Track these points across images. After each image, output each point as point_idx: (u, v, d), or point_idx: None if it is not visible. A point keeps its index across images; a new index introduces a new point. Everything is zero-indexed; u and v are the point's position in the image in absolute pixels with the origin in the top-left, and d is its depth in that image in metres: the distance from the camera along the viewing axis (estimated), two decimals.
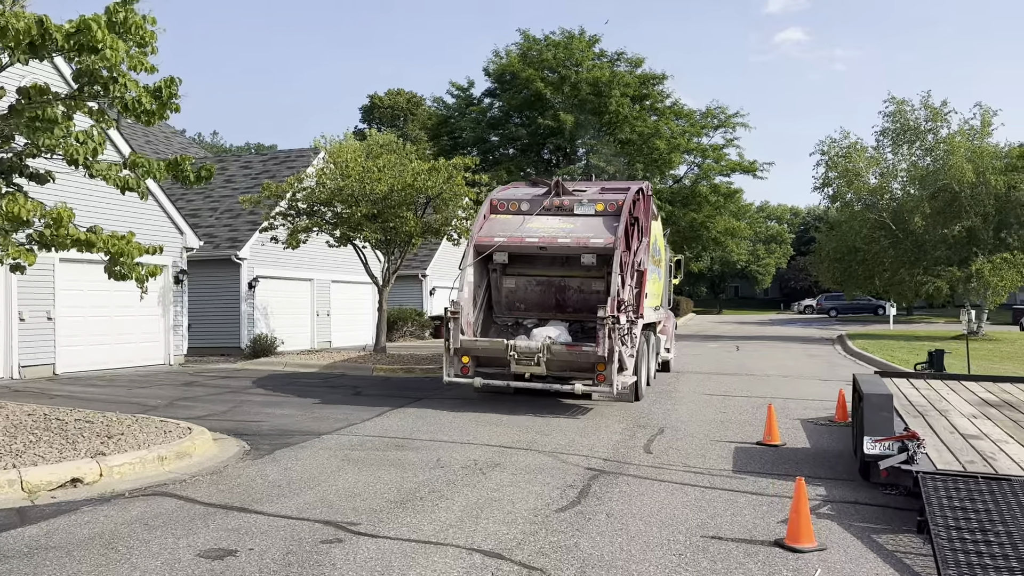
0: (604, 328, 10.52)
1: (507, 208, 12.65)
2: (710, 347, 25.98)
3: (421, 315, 30.47)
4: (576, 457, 8.36)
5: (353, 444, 8.85)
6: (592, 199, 12.42)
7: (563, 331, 11.90)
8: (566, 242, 11.84)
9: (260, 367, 17.63)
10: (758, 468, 8.00)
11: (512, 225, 12.19)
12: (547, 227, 12.04)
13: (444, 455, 8.29)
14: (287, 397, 12.84)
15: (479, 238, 12.12)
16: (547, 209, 12.37)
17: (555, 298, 12.77)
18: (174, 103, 8.96)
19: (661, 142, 38.86)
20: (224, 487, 6.94)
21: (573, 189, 12.84)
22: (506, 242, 11.94)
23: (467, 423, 10.35)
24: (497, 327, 12.82)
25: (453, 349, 11.25)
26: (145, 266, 9.14)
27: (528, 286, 12.79)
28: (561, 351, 10.99)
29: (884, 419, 7.14)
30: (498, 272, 12.68)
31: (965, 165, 26.87)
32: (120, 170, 9.19)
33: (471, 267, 11.94)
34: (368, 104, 58.20)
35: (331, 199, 17.45)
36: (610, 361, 10.58)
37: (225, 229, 23.09)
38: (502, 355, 11.07)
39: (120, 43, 8.17)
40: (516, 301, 12.90)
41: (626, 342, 11.07)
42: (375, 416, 10.81)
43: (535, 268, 12.71)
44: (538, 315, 12.77)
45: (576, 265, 12.24)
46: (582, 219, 12.15)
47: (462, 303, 11.51)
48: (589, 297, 12.48)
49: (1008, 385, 10.34)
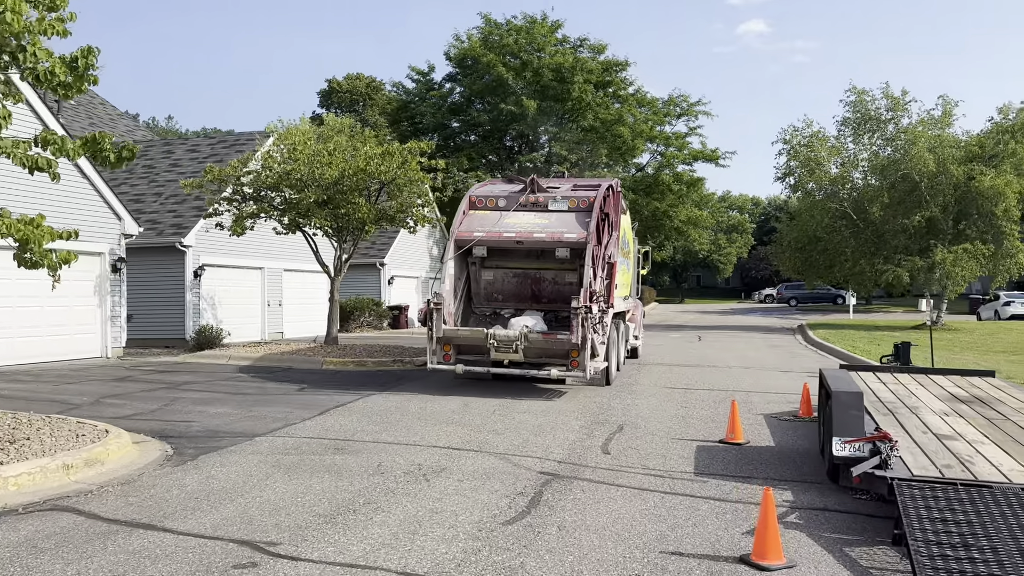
0: (578, 317, 11.20)
1: (485, 204, 13.18)
2: (672, 337, 25.66)
3: (379, 305, 29.67)
4: (529, 459, 7.79)
5: (288, 447, 8.17)
6: (565, 196, 12.98)
7: (539, 320, 12.43)
8: (541, 237, 12.38)
9: (203, 360, 16.76)
10: (721, 470, 7.52)
11: (490, 220, 12.74)
12: (523, 222, 12.61)
13: (386, 459, 7.66)
14: (225, 394, 12.07)
15: (459, 233, 12.61)
16: (523, 205, 12.94)
17: (531, 289, 13.39)
18: (91, 75, 8.20)
19: (625, 129, 38.42)
20: (134, 500, 6.23)
21: (547, 186, 13.40)
22: (485, 237, 12.49)
23: (416, 422, 9.73)
24: (476, 317, 13.35)
25: (436, 338, 11.83)
26: (57, 252, 8.31)
27: (505, 278, 13.40)
28: (538, 339, 11.63)
29: (854, 418, 6.70)
30: (477, 265, 13.26)
31: (927, 155, 26.85)
32: (28, 148, 8.34)
33: (452, 260, 12.50)
34: (326, 89, 56.76)
35: (279, 184, 16.58)
36: (583, 348, 11.25)
37: (170, 215, 22.05)
38: (482, 343, 11.68)
39: (24, 5, 7.36)
40: (494, 292, 13.49)
41: (598, 330, 11.65)
42: (317, 415, 10.12)
43: (512, 261, 13.26)
44: (515, 305, 13.33)
45: (551, 258, 12.80)
46: (556, 215, 12.70)
47: (444, 294, 12.12)
48: (563, 288, 13.07)
49: (977, 379, 10.03)
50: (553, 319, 12.93)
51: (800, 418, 10.51)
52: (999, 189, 25.82)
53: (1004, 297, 36.04)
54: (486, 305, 13.50)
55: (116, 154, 8.66)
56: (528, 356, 11.68)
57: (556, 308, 13.06)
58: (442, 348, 11.90)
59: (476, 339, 11.77)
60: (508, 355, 11.60)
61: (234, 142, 25.25)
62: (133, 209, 21.74)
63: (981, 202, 26.80)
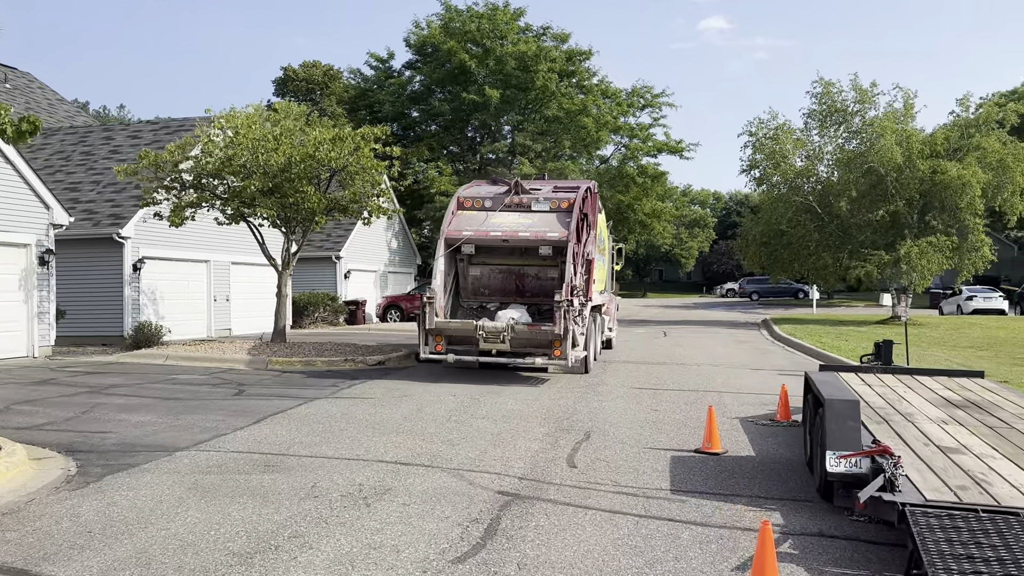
0: (560, 310, 12.01)
1: (472, 205, 13.99)
2: (637, 333, 24.99)
3: (335, 300, 28.51)
4: (486, 476, 6.92)
5: (211, 465, 7.18)
6: (547, 197, 13.82)
7: (523, 313, 13.29)
8: (526, 235, 13.21)
9: (138, 360, 15.55)
10: (700, 486, 6.74)
11: (477, 220, 13.55)
12: (508, 222, 13.44)
13: (323, 478, 6.72)
14: (154, 399, 10.98)
15: (449, 232, 13.43)
16: (508, 206, 13.76)
17: (515, 284, 14.24)
18: None
19: (589, 120, 37.65)
20: (12, 535, 5.22)
21: (530, 188, 14.30)
22: (473, 235, 13.30)
23: (362, 431, 8.80)
24: (464, 310, 14.16)
25: (428, 330, 12.60)
26: None
27: (492, 274, 14.25)
28: (523, 330, 12.43)
29: (850, 430, 5.97)
30: (465, 262, 14.03)
31: (894, 148, 26.54)
32: None
33: (442, 257, 13.30)
34: (282, 77, 55.01)
35: (220, 170, 15.41)
36: (565, 338, 12.08)
37: (108, 205, 20.68)
38: (472, 334, 12.48)
39: None
40: (481, 287, 14.34)
41: (578, 322, 12.43)
42: (252, 423, 9.12)
43: (498, 258, 14.10)
44: (500, 299, 14.15)
45: (534, 255, 13.64)
46: (539, 215, 13.54)
47: (436, 289, 12.93)
48: (545, 283, 13.94)
49: (966, 380, 9.41)
50: (536, 312, 13.71)
51: (778, 422, 9.80)
52: (966, 180, 25.60)
53: (966, 292, 36.13)
54: (473, 299, 14.33)
55: (15, 128, 7.60)
56: (514, 346, 12.43)
57: (539, 302, 13.89)
58: (434, 339, 12.62)
59: (466, 330, 12.53)
60: (496, 345, 12.35)
61: (178, 128, 23.85)
62: (68, 199, 20.35)
63: (946, 195, 26.58)
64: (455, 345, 12.77)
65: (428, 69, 39.74)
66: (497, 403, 10.79)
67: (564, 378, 13.52)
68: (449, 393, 11.62)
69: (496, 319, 12.80)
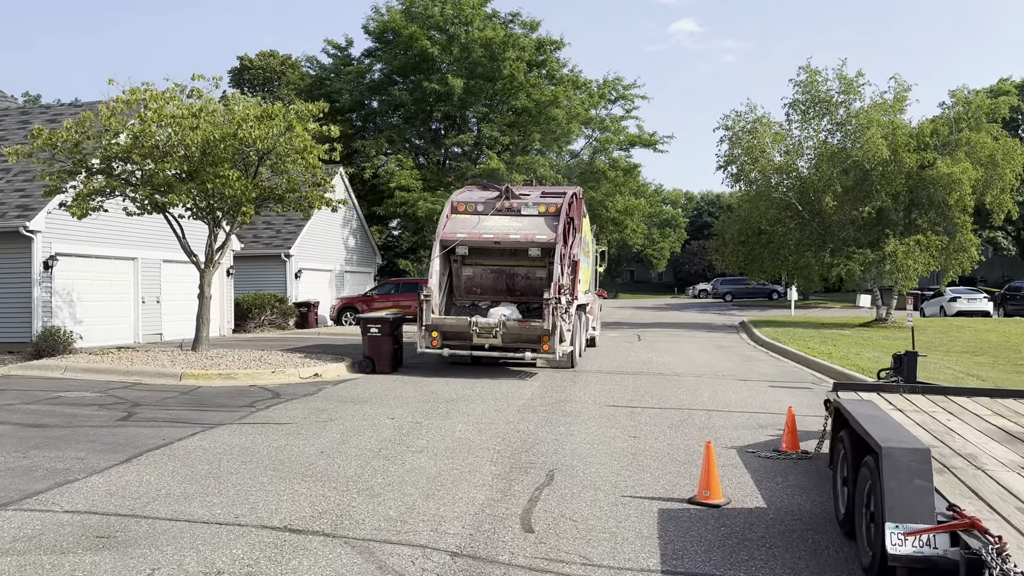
0: (549, 307, 12.76)
1: (465, 209, 14.70)
2: (610, 336, 23.17)
3: (283, 301, 26.28)
4: (407, 551, 4.98)
5: (24, 535, 5.12)
6: (536, 202, 14.60)
7: (514, 310, 13.92)
8: (516, 238, 13.96)
9: (30, 372, 13.30)
10: (702, 561, 4.87)
11: (470, 223, 14.30)
12: (500, 225, 14.19)
13: (168, 562, 4.72)
14: (13, 425, 8.83)
15: (444, 234, 14.13)
16: (499, 210, 14.50)
17: (506, 283, 15.08)
18: None
19: (559, 112, 35.76)
20: None
21: (520, 193, 15.16)
22: (467, 238, 14.07)
23: (259, 474, 6.79)
24: (457, 308, 14.84)
25: (425, 326, 13.30)
26: None
27: (484, 274, 15.08)
28: (514, 326, 13.16)
29: (919, 492, 4.26)
30: (459, 263, 14.84)
31: (880, 141, 25.03)
32: None
33: (438, 259, 14.05)
34: (238, 67, 52.43)
35: (129, 152, 13.24)
36: (553, 333, 12.79)
37: (16, 195, 18.32)
38: (466, 330, 13.18)
39: None
40: (474, 286, 15.13)
41: (565, 319, 13.14)
42: (118, 463, 7.06)
43: (490, 259, 14.89)
44: (491, 298, 14.86)
45: (523, 257, 14.44)
46: (528, 219, 14.31)
47: (432, 288, 13.64)
48: (534, 283, 14.81)
49: (1011, 401, 7.65)
50: (525, 310, 14.41)
51: (784, 453, 7.99)
52: (955, 176, 24.17)
53: (950, 293, 34.91)
54: (466, 298, 15.06)
55: None
56: (505, 341, 13.12)
57: (528, 300, 14.71)
58: (430, 335, 13.27)
59: (460, 326, 13.25)
60: (488, 340, 13.08)
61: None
62: None
63: (934, 191, 25.16)
64: (450, 340, 13.43)
65: (388, 56, 37.58)
66: (443, 428, 8.85)
67: (529, 391, 11.65)
68: (387, 416, 9.65)
69: (488, 316, 13.40)
